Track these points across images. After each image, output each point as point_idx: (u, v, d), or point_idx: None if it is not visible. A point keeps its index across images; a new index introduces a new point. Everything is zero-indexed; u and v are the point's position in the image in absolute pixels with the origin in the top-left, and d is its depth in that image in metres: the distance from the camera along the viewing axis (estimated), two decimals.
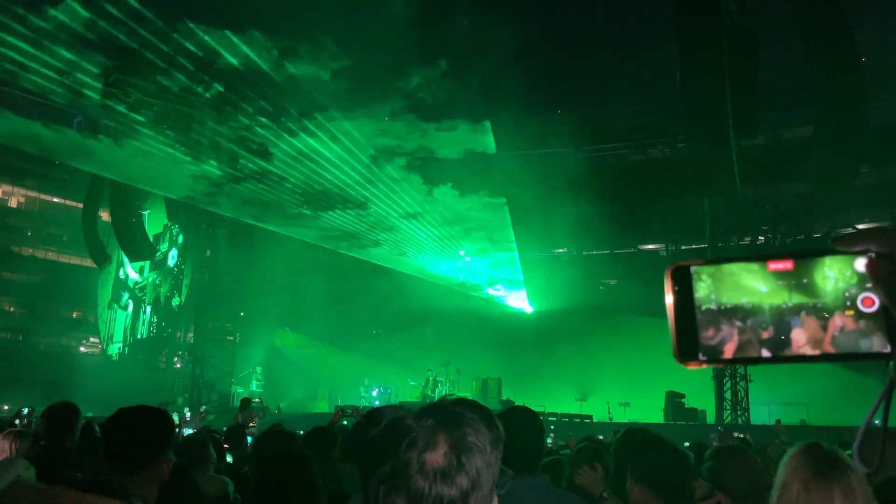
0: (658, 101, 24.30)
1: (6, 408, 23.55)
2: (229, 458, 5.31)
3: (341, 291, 25.37)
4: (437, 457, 1.16)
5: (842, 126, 16.23)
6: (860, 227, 23.54)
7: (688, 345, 0.75)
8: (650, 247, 27.10)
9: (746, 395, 18.96)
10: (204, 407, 12.92)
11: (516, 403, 19.59)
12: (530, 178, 22.18)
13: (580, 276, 25.40)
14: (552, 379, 22.33)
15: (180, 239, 30.22)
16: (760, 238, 24.23)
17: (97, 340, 36.29)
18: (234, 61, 19.91)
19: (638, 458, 2.64)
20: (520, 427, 2.77)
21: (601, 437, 7.00)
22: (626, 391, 20.47)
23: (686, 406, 18.88)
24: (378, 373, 24.75)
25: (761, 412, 18.37)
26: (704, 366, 0.74)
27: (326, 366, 28.82)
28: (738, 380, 19.05)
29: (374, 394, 22.81)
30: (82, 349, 37.48)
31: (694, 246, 24.17)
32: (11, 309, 35.99)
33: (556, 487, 3.10)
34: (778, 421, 9.79)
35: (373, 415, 2.62)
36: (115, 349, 33.22)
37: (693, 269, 0.78)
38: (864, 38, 16.98)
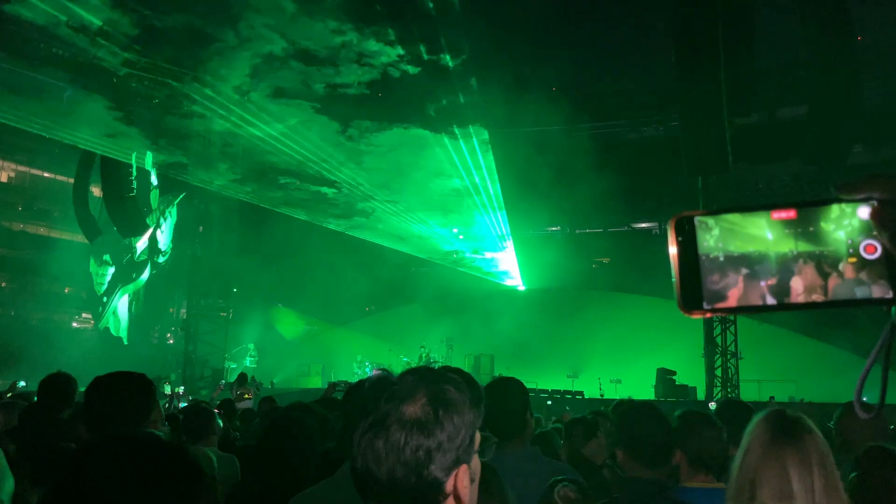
0: (652, 80, 24.25)
1: None
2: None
3: (335, 268, 25.35)
4: (415, 408, 1.19)
5: (836, 105, 16.24)
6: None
7: (692, 294, 0.76)
8: (643, 225, 27.16)
9: (737, 371, 19.11)
10: (223, 381, 12.98)
11: (503, 376, 19.80)
12: (524, 156, 22.16)
13: (573, 254, 25.48)
14: (544, 356, 22.45)
15: (173, 214, 30.10)
16: None
17: (89, 316, 36.22)
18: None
19: (622, 425, 2.76)
20: (502, 395, 2.84)
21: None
22: (618, 368, 20.61)
23: (677, 383, 19.05)
24: (371, 349, 24.86)
25: (751, 389, 18.54)
26: (709, 315, 0.75)
27: (320, 342, 28.91)
28: (728, 357, 19.19)
29: (368, 369, 22.90)
30: (74, 325, 37.43)
31: None
32: (3, 284, 35.85)
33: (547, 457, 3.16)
34: (772, 398, 9.89)
35: (362, 380, 2.65)
36: (106, 324, 33.19)
37: (697, 219, 0.78)
38: (859, 17, 16.93)
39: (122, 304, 32.27)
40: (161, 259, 30.70)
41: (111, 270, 32.70)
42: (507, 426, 2.82)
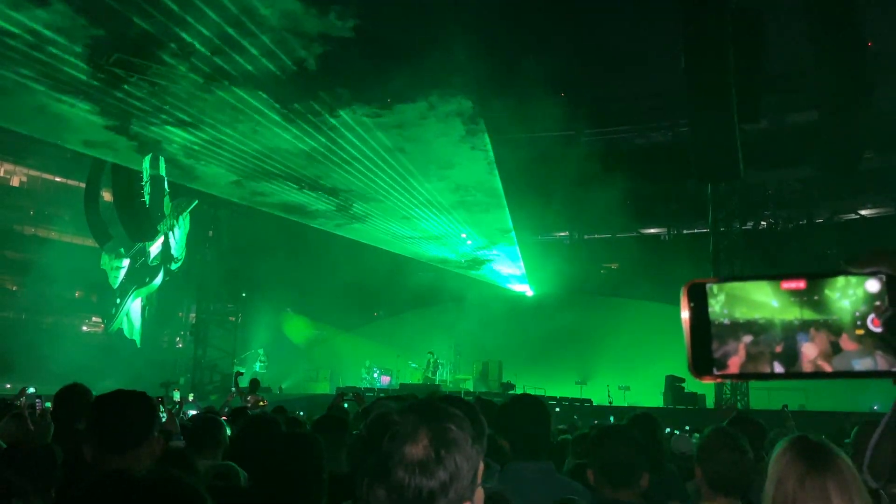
0: (661, 85, 24.20)
1: (8, 386, 23.70)
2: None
3: (343, 273, 25.40)
4: (417, 449, 1.20)
5: (846, 111, 16.16)
6: (863, 212, 23.55)
7: (703, 359, 0.78)
8: (652, 231, 27.10)
9: None
10: (234, 389, 12.98)
11: (516, 386, 19.73)
12: (532, 161, 22.15)
13: (581, 259, 25.45)
14: (553, 362, 22.42)
15: (186, 222, 30.21)
16: (762, 223, 24.22)
17: (99, 320, 36.38)
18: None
19: (592, 447, 2.91)
20: (527, 416, 2.95)
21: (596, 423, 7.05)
22: (626, 375, 20.56)
23: (686, 390, 18.97)
24: (379, 355, 24.88)
25: (761, 396, 18.45)
26: (719, 380, 0.77)
27: (328, 347, 28.96)
28: None
29: (376, 375, 22.93)
30: (84, 328, 37.62)
31: (696, 230, 24.16)
32: (14, 288, 36.08)
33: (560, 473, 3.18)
34: (784, 406, 9.76)
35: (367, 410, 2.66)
36: (119, 325, 33.32)
37: (708, 286, 0.80)
38: (869, 22, 16.85)
39: (135, 306, 32.40)
40: (174, 266, 30.83)
41: (126, 262, 32.72)
42: (531, 446, 2.96)
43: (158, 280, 31.21)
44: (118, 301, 32.93)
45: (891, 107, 19.33)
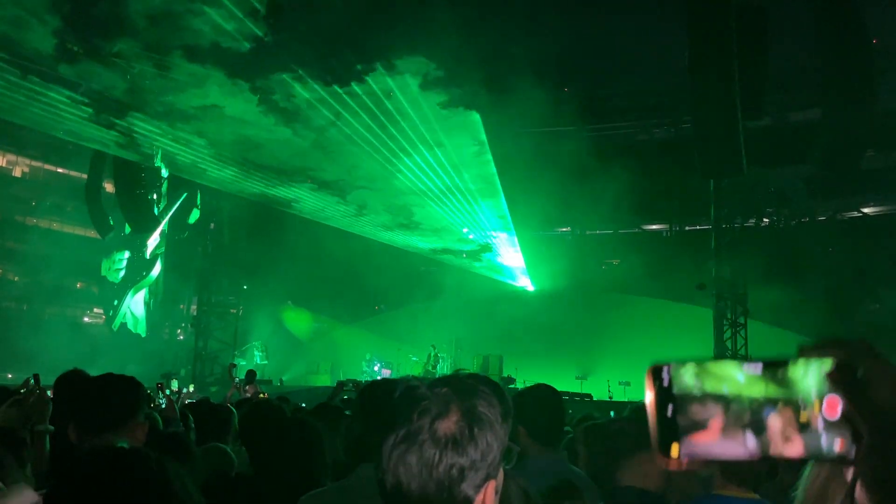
0: (665, 81, 24.14)
1: (10, 376, 23.76)
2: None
3: (344, 267, 25.40)
4: (449, 424, 1.19)
5: (849, 109, 16.13)
6: (865, 210, 23.53)
7: (667, 442, 0.78)
8: (654, 227, 27.08)
9: None
10: (238, 379, 13.04)
11: (517, 381, 19.74)
12: (534, 157, 22.10)
13: (583, 255, 25.44)
14: (553, 357, 22.43)
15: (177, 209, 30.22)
16: (764, 220, 24.21)
17: (101, 311, 36.44)
18: None
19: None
20: (548, 406, 3.00)
21: (596, 416, 7.07)
22: (627, 370, 20.56)
23: None
24: (380, 348, 24.91)
25: None
26: (685, 463, 0.77)
27: (329, 340, 28.99)
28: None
29: (376, 368, 22.97)
30: (86, 319, 37.68)
31: (698, 227, 24.15)
32: (16, 279, 36.11)
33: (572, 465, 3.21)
34: None
35: (383, 384, 2.67)
36: (122, 321, 33.37)
37: (672, 369, 0.81)
38: (873, 19, 16.82)
39: (137, 299, 32.46)
40: (172, 254, 30.91)
41: (126, 255, 32.73)
42: (546, 435, 3.07)
43: (156, 272, 31.27)
44: (115, 302, 33.00)
45: (894, 105, 19.29)
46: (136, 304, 32.39)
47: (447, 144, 23.28)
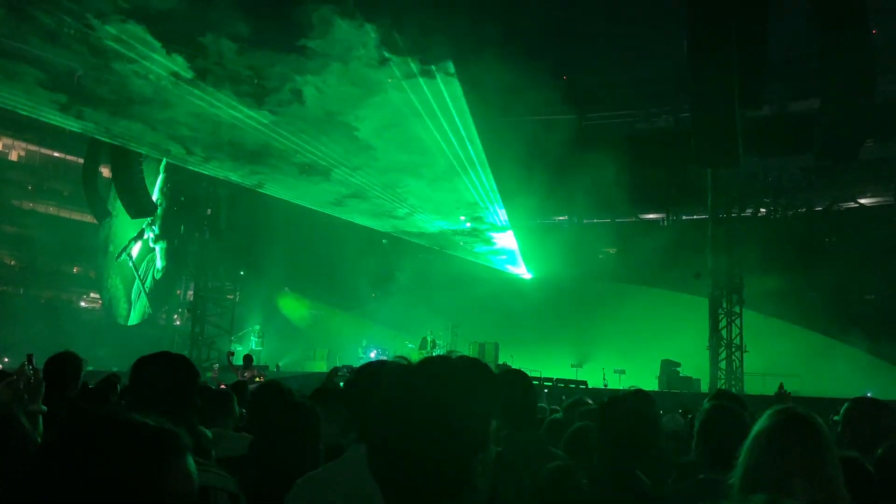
0: (664, 70, 24.10)
1: (7, 360, 23.75)
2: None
3: (341, 254, 25.40)
4: (443, 394, 1.21)
5: (848, 99, 16.10)
6: (862, 201, 23.54)
7: None
8: (651, 216, 27.08)
9: (741, 365, 19.13)
10: (216, 366, 13.11)
11: (513, 368, 19.83)
12: (532, 145, 22.06)
13: (580, 243, 25.45)
14: (549, 345, 22.49)
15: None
16: (762, 210, 24.23)
17: (97, 296, 36.45)
18: None
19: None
20: (518, 388, 3.04)
21: (590, 402, 7.08)
22: (622, 359, 20.64)
23: (681, 374, 19.06)
24: (376, 334, 24.95)
25: (755, 382, 18.55)
26: None
27: (325, 327, 29.04)
28: (733, 350, 19.20)
29: (373, 355, 23.03)
30: (82, 304, 37.68)
31: (695, 216, 24.16)
32: (12, 262, 36.05)
33: (552, 446, 3.23)
34: (781, 384, 9.68)
35: (365, 367, 2.66)
36: (115, 304, 33.40)
37: None
38: (873, 9, 16.74)
39: (128, 283, 32.56)
40: (169, 240, 30.88)
41: (121, 250, 32.80)
42: (521, 417, 3.13)
43: (159, 264, 31.41)
44: (111, 279, 32.99)
45: (892, 95, 19.28)
46: (125, 288, 32.51)
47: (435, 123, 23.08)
